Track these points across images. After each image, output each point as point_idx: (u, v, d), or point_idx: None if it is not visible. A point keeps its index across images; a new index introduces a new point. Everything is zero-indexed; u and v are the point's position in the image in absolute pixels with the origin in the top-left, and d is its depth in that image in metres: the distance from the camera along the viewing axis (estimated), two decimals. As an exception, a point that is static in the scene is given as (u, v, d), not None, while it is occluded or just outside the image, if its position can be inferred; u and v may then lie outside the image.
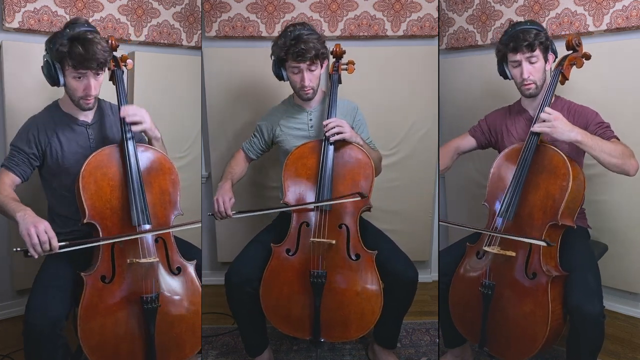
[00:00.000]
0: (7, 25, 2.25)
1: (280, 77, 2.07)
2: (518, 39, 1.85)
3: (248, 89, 2.71)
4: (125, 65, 1.92)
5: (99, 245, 1.70)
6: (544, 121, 1.74)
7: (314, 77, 2.02)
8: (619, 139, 1.83)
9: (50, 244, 1.51)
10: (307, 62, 1.96)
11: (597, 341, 1.70)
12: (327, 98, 2.09)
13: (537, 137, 1.79)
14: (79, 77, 1.72)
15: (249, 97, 2.71)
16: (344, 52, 2.14)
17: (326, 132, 1.95)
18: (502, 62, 1.95)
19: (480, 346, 1.84)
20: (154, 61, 2.66)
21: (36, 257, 1.52)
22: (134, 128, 1.80)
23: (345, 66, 2.14)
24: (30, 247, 1.50)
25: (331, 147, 1.96)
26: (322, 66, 2.04)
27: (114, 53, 1.89)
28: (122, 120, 1.78)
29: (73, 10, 2.38)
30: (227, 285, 1.94)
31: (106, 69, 1.78)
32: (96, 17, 2.45)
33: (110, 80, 1.90)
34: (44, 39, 2.32)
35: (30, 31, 2.31)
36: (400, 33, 2.71)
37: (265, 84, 2.66)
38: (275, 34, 2.67)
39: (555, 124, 1.71)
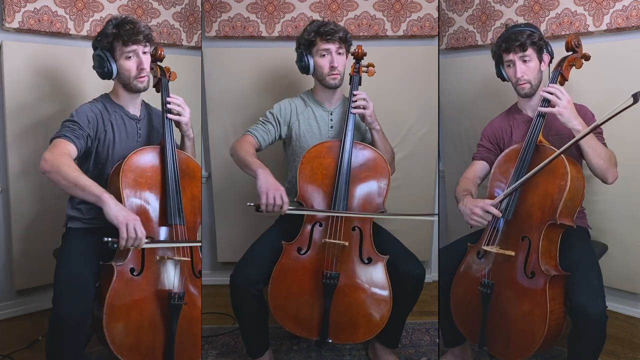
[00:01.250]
0: (7, 25, 2.25)
1: (304, 69, 2.09)
2: (510, 39, 1.89)
3: (248, 89, 2.71)
4: (169, 75, 1.99)
5: None
6: (551, 99, 1.77)
7: (341, 61, 2.06)
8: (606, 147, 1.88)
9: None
10: (337, 43, 2.03)
11: (599, 341, 1.70)
12: (346, 101, 2.09)
13: (537, 136, 1.80)
14: (130, 57, 1.84)
15: (249, 97, 2.70)
16: (365, 54, 2.14)
17: (353, 101, 2.01)
18: (498, 63, 1.98)
19: (480, 346, 1.84)
20: (154, 61, 2.65)
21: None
22: (173, 117, 1.90)
23: (365, 68, 2.14)
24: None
25: (348, 148, 1.97)
26: (347, 56, 2.08)
27: (159, 63, 1.98)
28: (164, 107, 1.90)
29: (73, 10, 2.39)
30: (232, 287, 1.93)
31: (150, 47, 1.89)
32: (96, 17, 2.45)
33: (154, 87, 1.98)
34: (44, 39, 2.37)
35: (30, 31, 2.31)
36: (400, 33, 2.71)
37: (266, 84, 2.67)
38: (276, 34, 2.68)
39: (566, 105, 1.76)
